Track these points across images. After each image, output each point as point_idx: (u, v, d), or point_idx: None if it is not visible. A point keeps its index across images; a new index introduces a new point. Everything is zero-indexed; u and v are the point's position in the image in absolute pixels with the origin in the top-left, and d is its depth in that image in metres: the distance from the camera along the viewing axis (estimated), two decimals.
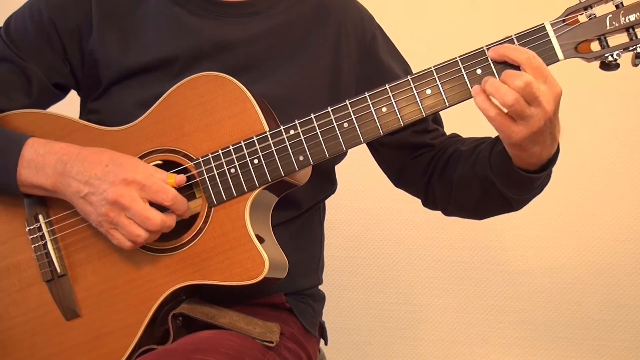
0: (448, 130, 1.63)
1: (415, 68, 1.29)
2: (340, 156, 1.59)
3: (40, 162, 1.35)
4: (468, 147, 1.50)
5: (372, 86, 1.31)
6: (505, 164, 1.35)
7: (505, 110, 1.22)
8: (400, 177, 1.65)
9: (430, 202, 1.61)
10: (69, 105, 1.59)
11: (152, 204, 1.31)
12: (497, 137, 1.39)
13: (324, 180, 1.60)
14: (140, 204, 1.29)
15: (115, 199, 1.28)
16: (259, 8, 1.51)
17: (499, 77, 1.23)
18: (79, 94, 1.58)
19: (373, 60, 1.57)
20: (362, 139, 1.31)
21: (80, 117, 1.54)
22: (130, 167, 1.31)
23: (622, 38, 1.21)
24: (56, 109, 1.53)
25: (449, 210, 1.57)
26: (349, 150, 1.38)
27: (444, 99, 1.27)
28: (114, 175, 1.29)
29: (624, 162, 2.31)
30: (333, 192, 1.66)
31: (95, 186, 1.30)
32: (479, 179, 1.43)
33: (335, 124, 1.31)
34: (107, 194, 1.29)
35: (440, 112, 1.61)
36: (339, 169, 1.63)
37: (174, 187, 1.32)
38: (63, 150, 1.35)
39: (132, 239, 1.30)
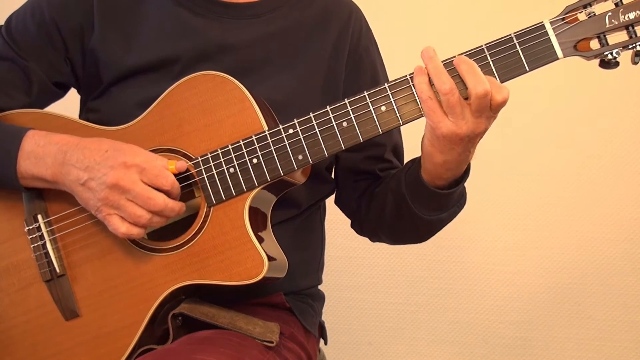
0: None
1: (413, 67, 1.29)
2: (332, 160, 1.59)
3: (41, 152, 1.35)
4: (395, 171, 1.52)
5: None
6: (417, 177, 1.37)
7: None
8: (339, 195, 1.66)
9: (357, 225, 1.64)
10: (70, 105, 1.59)
11: None
12: (417, 157, 1.40)
13: (319, 182, 1.59)
14: (141, 185, 1.29)
15: (115, 182, 1.28)
16: (262, 10, 1.51)
17: (498, 78, 1.24)
18: (79, 92, 1.58)
19: (359, 70, 1.57)
20: (361, 138, 1.30)
21: (80, 116, 1.54)
22: (130, 151, 1.31)
23: (622, 36, 1.21)
24: (56, 107, 1.53)
25: (371, 231, 1.60)
26: None
27: None
28: (114, 159, 1.30)
29: (624, 162, 2.31)
30: (333, 191, 1.66)
31: (95, 171, 1.30)
32: (393, 194, 1.44)
33: (334, 123, 1.31)
34: (106, 178, 1.29)
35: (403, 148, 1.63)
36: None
37: (176, 172, 1.33)
38: (63, 141, 1.35)
39: (133, 220, 1.30)
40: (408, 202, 1.40)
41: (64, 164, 1.33)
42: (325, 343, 1.69)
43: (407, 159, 1.58)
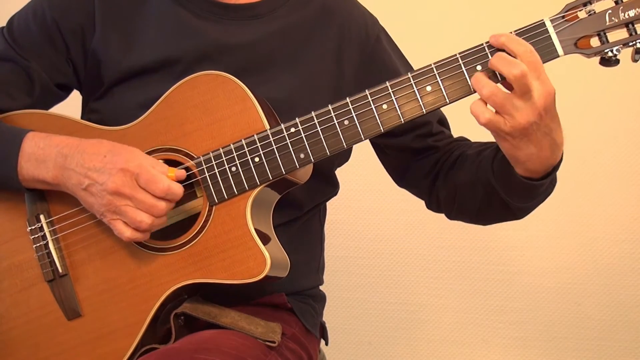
0: (455, 132, 1.63)
1: (415, 65, 1.30)
2: (341, 160, 1.60)
3: (41, 155, 1.36)
4: (473, 151, 1.49)
5: None
6: (507, 170, 1.34)
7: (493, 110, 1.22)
8: (403, 177, 1.64)
9: (434, 205, 1.60)
10: (71, 105, 1.59)
11: None
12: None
13: (325, 183, 1.60)
14: (142, 193, 1.29)
15: (115, 189, 1.29)
16: (262, 11, 1.51)
17: (499, 76, 1.23)
18: (81, 93, 1.58)
19: (376, 63, 1.57)
20: (362, 136, 1.31)
21: (82, 117, 1.54)
22: (127, 156, 1.31)
23: (622, 34, 1.21)
24: (58, 108, 1.53)
25: (453, 214, 1.56)
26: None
27: (444, 95, 1.27)
28: (112, 165, 1.30)
29: (624, 162, 2.31)
30: (335, 194, 1.66)
31: (94, 178, 1.30)
32: (482, 185, 1.42)
33: (335, 121, 1.31)
34: (107, 185, 1.29)
35: (446, 117, 1.62)
36: (339, 168, 1.64)
37: (174, 180, 1.32)
38: (63, 143, 1.35)
39: (135, 225, 1.30)
40: (501, 194, 1.38)
41: (65, 167, 1.34)
42: (327, 343, 1.69)
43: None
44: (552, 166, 1.33)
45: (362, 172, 2.24)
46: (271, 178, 1.33)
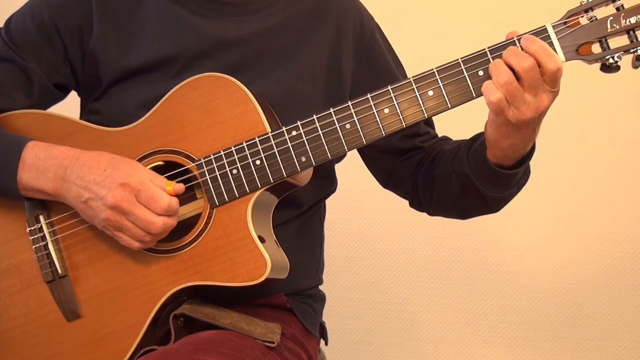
0: (442, 133, 1.63)
1: (417, 69, 1.29)
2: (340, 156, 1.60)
3: (41, 166, 1.35)
4: (450, 146, 1.52)
5: (368, 85, 1.31)
6: (482, 160, 1.36)
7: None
8: (389, 179, 1.66)
9: (415, 203, 1.62)
10: (70, 105, 1.59)
11: None
12: (476, 135, 1.41)
13: (324, 179, 1.60)
14: (140, 209, 1.29)
15: (114, 203, 1.29)
16: (259, 6, 1.51)
17: None
18: (79, 94, 1.58)
19: (370, 59, 1.57)
20: (364, 140, 1.31)
21: (81, 118, 1.53)
22: (128, 171, 1.31)
23: (623, 40, 1.21)
24: (57, 109, 1.53)
25: (432, 209, 1.58)
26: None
27: (446, 100, 1.27)
28: (112, 179, 1.30)
29: (624, 163, 2.31)
30: (333, 190, 1.66)
31: (94, 191, 1.31)
32: (457, 176, 1.44)
33: (337, 125, 1.31)
34: (106, 199, 1.29)
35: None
36: (338, 168, 1.64)
37: (173, 195, 1.32)
38: (63, 155, 1.35)
39: (138, 239, 1.31)
40: (475, 184, 1.40)
41: (65, 179, 1.34)
42: (326, 343, 1.69)
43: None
44: (522, 155, 1.34)
45: (362, 172, 2.23)
46: (272, 181, 1.33)
